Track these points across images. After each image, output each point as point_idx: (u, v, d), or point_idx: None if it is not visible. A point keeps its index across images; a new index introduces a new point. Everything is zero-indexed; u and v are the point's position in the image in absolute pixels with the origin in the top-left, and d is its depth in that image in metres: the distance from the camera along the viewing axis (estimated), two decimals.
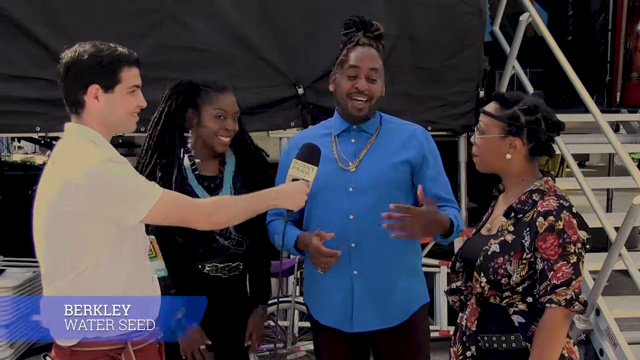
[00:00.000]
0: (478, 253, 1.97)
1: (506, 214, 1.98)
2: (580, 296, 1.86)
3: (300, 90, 3.94)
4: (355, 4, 3.83)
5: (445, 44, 4.18)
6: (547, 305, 1.85)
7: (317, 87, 3.90)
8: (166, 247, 2.30)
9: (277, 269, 2.96)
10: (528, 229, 1.90)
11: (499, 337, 1.94)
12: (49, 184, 1.82)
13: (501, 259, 1.91)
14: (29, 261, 3.69)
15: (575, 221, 1.88)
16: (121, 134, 2.18)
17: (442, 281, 4.27)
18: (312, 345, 2.65)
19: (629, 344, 3.53)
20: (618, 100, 5.84)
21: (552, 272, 1.85)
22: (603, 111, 4.36)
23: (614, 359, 3.52)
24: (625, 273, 3.63)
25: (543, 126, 1.95)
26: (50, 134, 4.07)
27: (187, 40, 3.81)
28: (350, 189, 2.32)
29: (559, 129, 1.98)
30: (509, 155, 1.97)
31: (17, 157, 9.98)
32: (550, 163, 6.38)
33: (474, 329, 1.97)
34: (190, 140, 2.51)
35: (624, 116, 5.17)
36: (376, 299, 2.32)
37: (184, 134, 2.48)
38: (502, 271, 1.90)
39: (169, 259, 2.30)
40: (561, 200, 1.91)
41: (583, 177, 3.96)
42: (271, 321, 3.85)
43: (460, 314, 2.08)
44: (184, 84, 2.43)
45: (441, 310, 4.36)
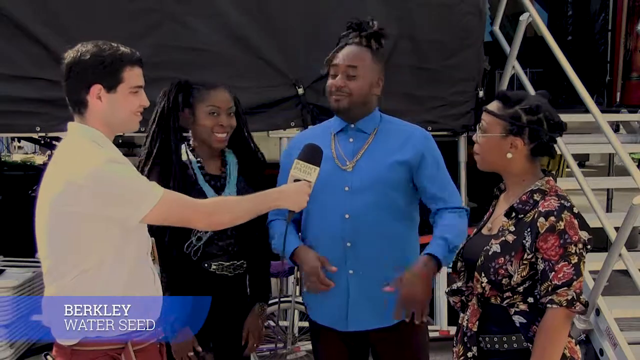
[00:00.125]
0: (479, 253, 1.96)
1: (507, 214, 1.97)
2: (581, 297, 1.86)
3: (300, 90, 3.93)
4: (355, 4, 3.83)
5: (445, 44, 4.17)
6: (548, 305, 1.84)
7: (317, 87, 3.89)
8: (173, 246, 2.31)
9: (278, 269, 2.96)
10: (529, 229, 1.89)
11: (500, 338, 1.93)
12: (51, 183, 1.82)
13: (502, 259, 1.91)
14: (29, 261, 3.69)
15: (576, 221, 1.87)
16: (121, 134, 2.18)
17: (442, 281, 4.27)
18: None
19: (629, 344, 3.53)
20: (618, 100, 5.84)
21: (553, 273, 1.84)
22: (603, 111, 4.36)
23: (614, 359, 3.53)
24: (625, 273, 3.63)
25: (545, 126, 1.94)
26: (50, 134, 4.07)
27: (187, 40, 3.80)
28: (346, 188, 2.32)
29: (561, 129, 1.97)
30: (510, 155, 1.96)
31: (17, 157, 9.97)
32: (551, 162, 6.37)
33: (475, 330, 1.96)
34: (190, 141, 2.51)
35: (624, 116, 5.17)
36: (372, 299, 2.31)
37: (184, 134, 2.48)
38: (503, 271, 1.90)
39: (176, 258, 2.31)
40: (562, 201, 1.90)
41: (583, 177, 3.96)
42: (271, 321, 3.87)
43: (461, 315, 2.08)
44: (176, 85, 2.44)
45: (441, 310, 4.36)
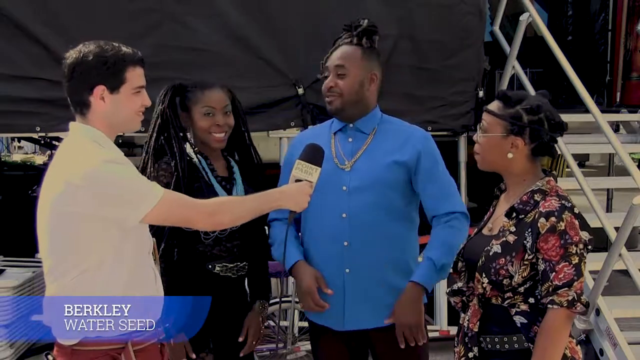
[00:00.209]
0: (480, 254, 1.96)
1: (508, 214, 1.97)
2: (582, 297, 1.86)
3: (300, 90, 3.93)
4: (356, 3, 3.83)
5: (445, 44, 4.17)
6: (549, 306, 1.84)
7: (317, 87, 3.85)
8: (179, 247, 2.31)
9: (278, 269, 2.96)
10: (530, 230, 1.89)
11: (501, 338, 1.93)
12: (52, 183, 1.82)
13: (503, 259, 1.90)
14: (29, 261, 3.68)
15: (577, 222, 1.87)
16: (121, 134, 2.18)
17: (442, 281, 4.26)
18: None
19: (629, 344, 3.53)
20: (618, 100, 5.84)
21: (554, 273, 1.84)
22: (603, 111, 4.36)
23: (614, 359, 3.52)
24: (625, 273, 3.63)
25: (546, 126, 1.94)
26: (50, 134, 4.06)
27: (187, 40, 3.80)
28: (344, 188, 2.33)
29: (562, 129, 1.97)
30: (510, 155, 1.96)
31: (17, 157, 9.99)
32: (553, 162, 6.37)
33: (476, 330, 1.96)
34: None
35: (624, 116, 5.17)
36: (368, 298, 2.32)
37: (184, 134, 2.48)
38: (504, 272, 1.90)
39: (177, 261, 2.31)
40: (563, 201, 1.90)
41: (583, 177, 3.96)
42: (271, 321, 3.87)
43: (462, 315, 2.07)
44: (171, 88, 2.44)
45: (441, 310, 4.36)
